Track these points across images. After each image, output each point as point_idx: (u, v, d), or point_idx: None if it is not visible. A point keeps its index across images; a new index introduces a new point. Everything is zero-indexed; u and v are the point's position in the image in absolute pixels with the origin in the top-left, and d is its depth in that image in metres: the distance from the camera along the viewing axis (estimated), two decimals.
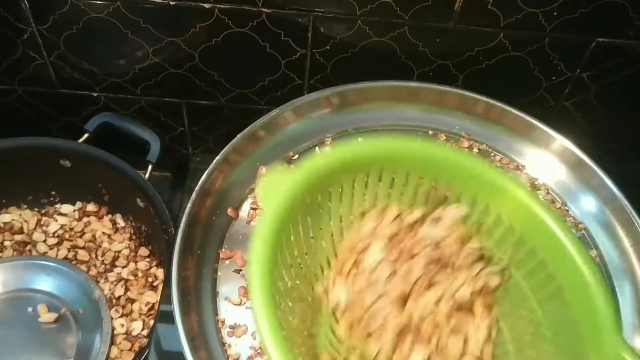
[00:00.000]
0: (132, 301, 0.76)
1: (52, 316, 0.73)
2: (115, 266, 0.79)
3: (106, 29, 0.68)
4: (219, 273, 0.55)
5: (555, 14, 0.63)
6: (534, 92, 0.73)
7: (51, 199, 0.83)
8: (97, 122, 0.78)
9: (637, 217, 0.56)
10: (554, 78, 0.71)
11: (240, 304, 0.53)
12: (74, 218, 0.82)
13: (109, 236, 0.81)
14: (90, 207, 0.82)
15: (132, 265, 0.79)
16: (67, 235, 0.81)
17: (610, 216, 0.59)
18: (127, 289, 0.77)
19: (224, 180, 0.59)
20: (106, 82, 0.76)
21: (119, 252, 0.80)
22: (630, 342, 0.53)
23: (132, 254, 0.80)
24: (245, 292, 0.54)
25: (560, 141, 0.62)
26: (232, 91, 0.76)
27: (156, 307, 0.75)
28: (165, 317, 0.58)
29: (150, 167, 0.78)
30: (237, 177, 0.60)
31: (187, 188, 0.65)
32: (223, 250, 0.56)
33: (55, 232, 0.81)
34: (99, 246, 0.80)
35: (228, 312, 0.53)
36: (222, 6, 0.64)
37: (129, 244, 0.81)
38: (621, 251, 0.57)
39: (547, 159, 0.62)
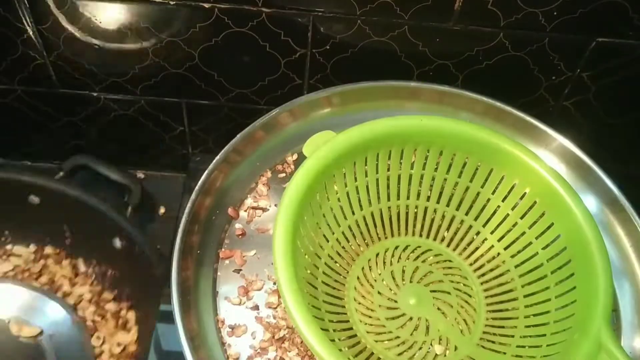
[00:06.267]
0: (102, 342, 0.73)
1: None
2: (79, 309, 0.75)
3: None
4: (218, 273, 0.55)
5: (555, 13, 0.63)
6: (533, 92, 0.72)
7: (2, 238, 0.78)
8: (71, 165, 0.77)
9: (637, 217, 0.56)
10: (553, 78, 0.71)
11: (240, 304, 0.53)
12: (30, 260, 0.78)
13: (70, 279, 0.77)
14: (48, 250, 0.79)
15: (97, 307, 0.76)
16: (20, 277, 0.76)
17: (609, 216, 0.59)
18: (95, 329, 0.74)
19: (224, 180, 0.59)
20: (106, 82, 0.76)
21: (81, 295, 0.77)
22: (631, 342, 0.53)
23: (95, 297, 0.77)
24: (244, 291, 0.54)
25: (560, 141, 0.62)
26: (232, 91, 0.76)
27: (130, 349, 0.72)
28: (165, 317, 0.58)
29: (129, 208, 0.75)
30: (237, 177, 0.60)
31: (187, 188, 0.65)
32: (223, 250, 0.56)
33: (7, 273, 0.76)
34: (59, 289, 0.76)
35: (228, 312, 0.53)
36: (222, 6, 0.64)
37: (90, 289, 0.77)
38: (621, 251, 0.57)
39: (547, 159, 0.62)
